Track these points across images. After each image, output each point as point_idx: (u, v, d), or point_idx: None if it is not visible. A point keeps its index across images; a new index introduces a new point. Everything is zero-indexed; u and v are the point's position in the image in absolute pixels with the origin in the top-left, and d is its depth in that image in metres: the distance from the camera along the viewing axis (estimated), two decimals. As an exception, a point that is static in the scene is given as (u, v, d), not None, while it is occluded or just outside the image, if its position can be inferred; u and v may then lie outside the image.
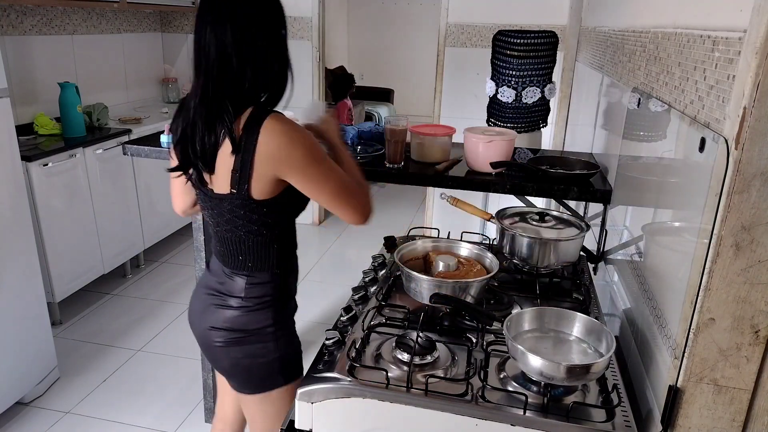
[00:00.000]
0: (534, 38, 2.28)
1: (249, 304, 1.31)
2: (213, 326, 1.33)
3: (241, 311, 1.30)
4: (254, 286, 1.31)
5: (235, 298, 1.31)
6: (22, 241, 2.27)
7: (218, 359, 1.37)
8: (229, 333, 1.31)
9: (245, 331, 1.31)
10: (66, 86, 3.06)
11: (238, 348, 1.32)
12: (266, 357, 1.32)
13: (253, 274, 1.31)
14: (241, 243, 1.28)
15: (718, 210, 0.84)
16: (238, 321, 1.31)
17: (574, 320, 1.17)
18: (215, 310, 1.33)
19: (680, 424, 0.95)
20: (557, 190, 1.71)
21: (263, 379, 1.35)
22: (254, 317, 1.31)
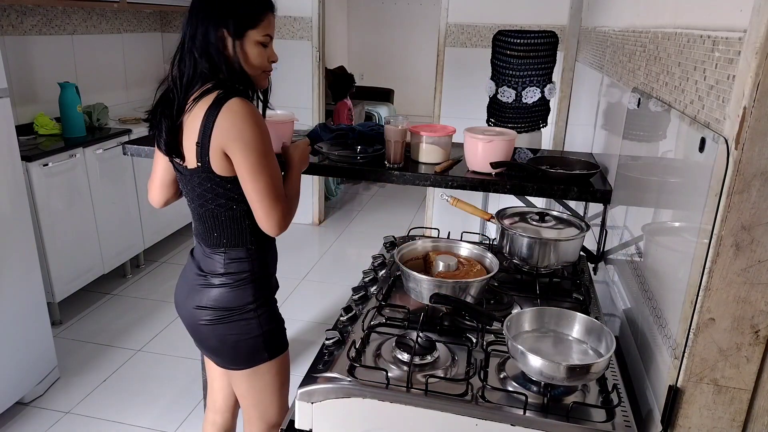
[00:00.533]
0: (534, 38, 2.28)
1: (229, 281, 1.37)
2: (198, 305, 1.39)
3: (223, 289, 1.37)
4: (232, 262, 1.37)
5: (216, 276, 1.38)
6: (22, 241, 2.27)
7: (205, 338, 1.43)
8: (214, 311, 1.37)
9: (228, 309, 1.37)
10: (66, 86, 3.05)
11: (223, 326, 1.38)
12: (250, 333, 1.39)
13: (229, 251, 1.37)
14: (213, 218, 1.35)
15: (718, 210, 0.84)
16: (221, 299, 1.37)
17: (574, 320, 1.17)
18: (200, 289, 1.39)
19: (680, 424, 0.95)
20: (557, 190, 1.71)
21: (250, 354, 1.41)
22: (236, 295, 1.37)
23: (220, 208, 1.34)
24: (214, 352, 1.46)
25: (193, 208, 1.40)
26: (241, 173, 1.28)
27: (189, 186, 1.37)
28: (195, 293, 1.40)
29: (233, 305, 1.37)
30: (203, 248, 1.41)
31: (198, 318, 1.40)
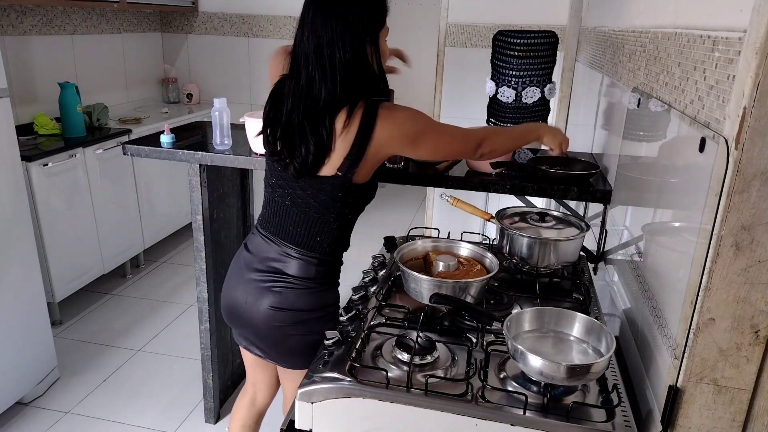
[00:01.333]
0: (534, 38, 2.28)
1: (318, 285, 1.39)
2: (276, 306, 1.37)
3: (311, 292, 1.38)
4: (324, 268, 1.40)
5: (304, 280, 1.38)
6: (22, 241, 2.27)
7: (281, 340, 1.40)
8: (299, 313, 1.37)
9: (314, 309, 1.39)
10: (66, 86, 3.05)
11: (305, 327, 1.38)
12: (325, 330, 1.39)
13: (325, 256, 1.39)
14: (324, 224, 1.36)
15: (718, 210, 0.84)
16: (308, 301, 1.38)
17: (574, 320, 1.17)
18: (281, 290, 1.37)
19: (680, 424, 0.95)
20: (557, 190, 1.71)
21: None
22: (322, 296, 1.40)
23: (339, 216, 1.36)
24: (289, 352, 1.43)
25: (298, 212, 1.36)
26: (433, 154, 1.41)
27: (309, 191, 1.33)
28: (270, 295, 1.37)
29: (319, 305, 1.39)
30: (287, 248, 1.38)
31: (274, 320, 1.38)
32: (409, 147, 1.34)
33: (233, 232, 2.32)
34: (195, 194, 2.04)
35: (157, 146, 2.00)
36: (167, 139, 1.99)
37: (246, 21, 4.21)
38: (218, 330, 2.25)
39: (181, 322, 3.06)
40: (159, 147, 1.99)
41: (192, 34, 4.38)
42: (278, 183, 1.38)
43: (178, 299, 3.28)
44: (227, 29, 4.30)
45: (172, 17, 4.35)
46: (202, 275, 2.13)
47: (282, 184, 1.37)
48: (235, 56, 4.34)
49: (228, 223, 2.26)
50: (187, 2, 4.14)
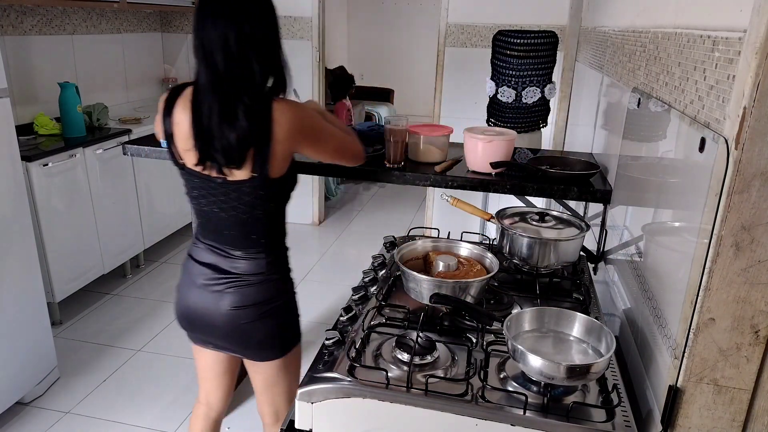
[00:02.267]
0: (534, 38, 2.28)
1: (272, 277, 1.41)
2: (237, 306, 1.38)
3: (265, 284, 1.40)
4: (271, 259, 1.41)
5: (256, 275, 1.39)
6: (22, 241, 2.27)
7: (249, 336, 1.42)
8: (259, 306, 1.39)
9: (272, 300, 1.41)
10: (66, 86, 3.05)
11: (269, 319, 1.41)
12: (288, 317, 1.47)
13: (269, 251, 1.41)
14: (255, 222, 1.36)
15: (718, 210, 0.84)
16: (266, 293, 1.40)
17: (574, 320, 1.17)
18: (235, 290, 1.39)
19: (680, 424, 0.95)
20: (557, 190, 1.71)
21: (289, 339, 1.48)
22: (277, 286, 1.43)
23: (266, 213, 1.37)
24: (258, 346, 1.44)
25: (228, 217, 1.36)
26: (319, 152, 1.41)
27: (231, 195, 1.32)
28: (228, 296, 1.38)
29: (277, 295, 1.42)
30: (231, 251, 1.39)
31: (239, 319, 1.39)
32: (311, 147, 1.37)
33: (233, 232, 2.31)
34: (195, 194, 2.04)
35: (157, 146, 2.00)
36: (167, 139, 1.99)
37: (246, 21, 4.21)
38: (218, 330, 2.25)
39: (181, 322, 3.06)
40: (159, 147, 1.99)
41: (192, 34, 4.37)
42: (201, 194, 1.37)
43: (178, 299, 3.28)
44: (227, 29, 4.29)
45: (172, 17, 4.35)
46: (202, 275, 2.12)
47: (204, 194, 1.36)
48: (235, 56, 4.34)
49: (228, 223, 2.26)
50: (187, 2, 4.14)
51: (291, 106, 1.30)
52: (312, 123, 1.35)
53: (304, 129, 1.32)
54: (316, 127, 1.37)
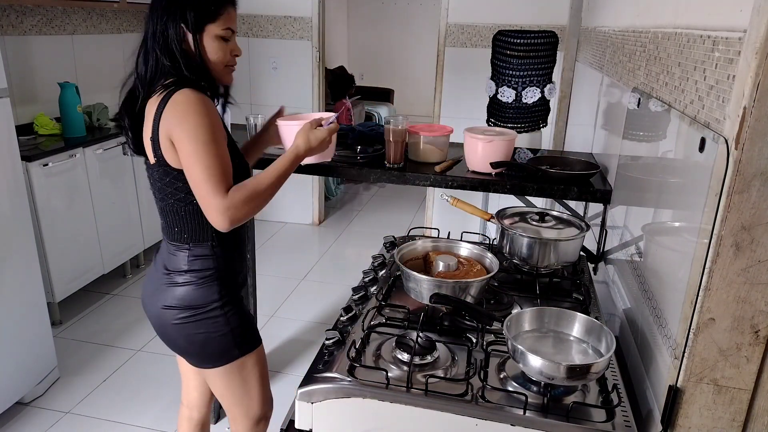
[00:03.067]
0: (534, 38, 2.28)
1: (194, 278, 1.35)
2: (166, 305, 1.37)
3: (188, 287, 1.35)
4: (196, 259, 1.35)
5: (181, 274, 1.35)
6: (22, 241, 2.27)
7: (173, 338, 1.40)
8: (181, 311, 1.35)
9: (194, 307, 1.35)
10: (66, 86, 3.05)
11: (191, 325, 1.35)
12: (218, 331, 1.36)
13: (193, 247, 1.35)
14: (174, 213, 1.34)
15: (718, 210, 0.84)
16: (187, 297, 1.35)
17: (574, 320, 1.17)
18: (166, 288, 1.37)
19: (680, 424, 0.95)
20: (557, 190, 1.71)
21: (220, 353, 1.39)
22: (201, 293, 1.35)
23: (180, 203, 1.32)
24: (184, 351, 1.44)
25: (157, 203, 1.39)
26: (182, 161, 1.25)
27: (151, 182, 1.37)
28: (161, 292, 1.37)
29: (199, 303, 1.35)
30: (168, 245, 1.39)
31: (166, 318, 1.37)
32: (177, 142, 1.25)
33: (233, 232, 2.31)
34: (195, 194, 2.04)
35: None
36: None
37: (246, 21, 4.21)
38: (218, 330, 2.25)
39: (181, 322, 3.05)
40: (159, 147, 1.99)
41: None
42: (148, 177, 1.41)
43: (178, 299, 3.28)
44: (227, 29, 4.30)
45: (172, 17, 4.34)
46: (202, 275, 2.12)
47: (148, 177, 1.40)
48: (235, 56, 4.34)
49: (228, 223, 2.26)
50: (187, 2, 4.14)
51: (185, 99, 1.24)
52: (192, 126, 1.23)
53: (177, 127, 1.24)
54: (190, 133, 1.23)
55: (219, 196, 1.23)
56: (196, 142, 1.22)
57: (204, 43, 1.32)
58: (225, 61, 1.36)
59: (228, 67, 1.38)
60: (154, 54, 1.31)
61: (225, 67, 1.38)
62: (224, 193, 1.24)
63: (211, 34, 1.32)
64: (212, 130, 1.25)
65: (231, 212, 1.24)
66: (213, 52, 1.33)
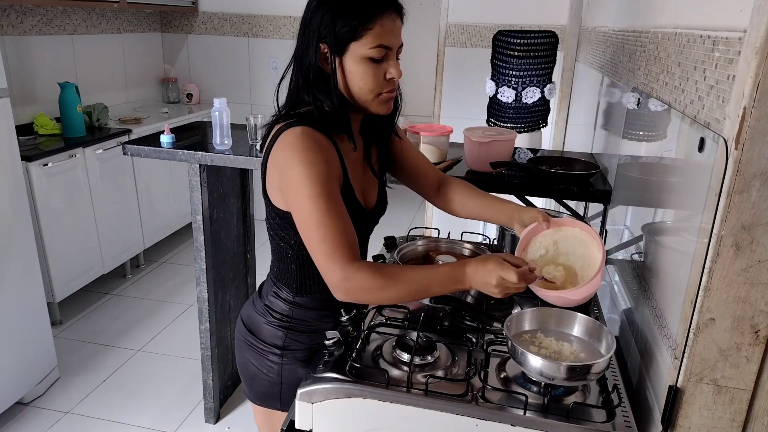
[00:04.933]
0: (534, 38, 2.28)
1: (267, 314, 1.28)
2: (243, 318, 1.33)
3: (261, 317, 1.28)
4: (276, 299, 1.27)
5: (261, 302, 1.30)
6: (22, 241, 2.27)
7: (236, 350, 1.36)
8: (247, 333, 1.30)
9: (258, 338, 1.28)
10: (66, 86, 3.06)
11: (250, 351, 1.30)
12: (269, 375, 1.28)
13: (278, 287, 1.27)
14: (274, 250, 1.26)
15: (718, 210, 0.84)
16: (256, 325, 1.29)
17: (574, 320, 1.17)
18: (251, 304, 1.33)
19: (680, 424, 0.95)
20: (557, 190, 1.71)
21: (264, 394, 1.32)
22: (269, 331, 1.27)
23: (274, 240, 1.23)
24: (239, 369, 1.36)
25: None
26: (293, 215, 1.10)
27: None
28: (248, 305, 1.34)
29: (263, 338, 1.27)
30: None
31: (239, 329, 1.33)
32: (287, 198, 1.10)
33: (233, 232, 2.32)
34: (195, 194, 2.04)
35: (157, 146, 2.00)
36: (167, 139, 2.00)
37: (246, 21, 4.21)
38: (218, 330, 2.25)
39: (181, 322, 3.06)
40: (159, 147, 1.99)
41: (192, 34, 4.38)
42: None
43: (178, 299, 3.28)
44: (227, 29, 4.30)
45: (172, 17, 4.35)
46: (202, 275, 2.13)
47: None
48: (235, 56, 4.34)
49: (228, 223, 2.26)
50: (187, 2, 4.14)
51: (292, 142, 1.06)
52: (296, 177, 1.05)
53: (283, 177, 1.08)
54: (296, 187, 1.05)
55: (335, 264, 1.03)
56: (302, 196, 1.04)
57: (346, 66, 1.08)
58: (374, 88, 1.10)
59: (381, 95, 1.12)
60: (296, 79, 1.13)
61: (376, 97, 1.12)
62: (340, 259, 1.03)
63: (355, 56, 1.07)
64: (319, 180, 1.04)
65: (345, 288, 1.04)
66: (356, 78, 1.09)
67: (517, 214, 1.25)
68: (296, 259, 1.20)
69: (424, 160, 1.45)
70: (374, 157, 1.29)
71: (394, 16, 1.09)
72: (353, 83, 1.09)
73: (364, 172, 1.26)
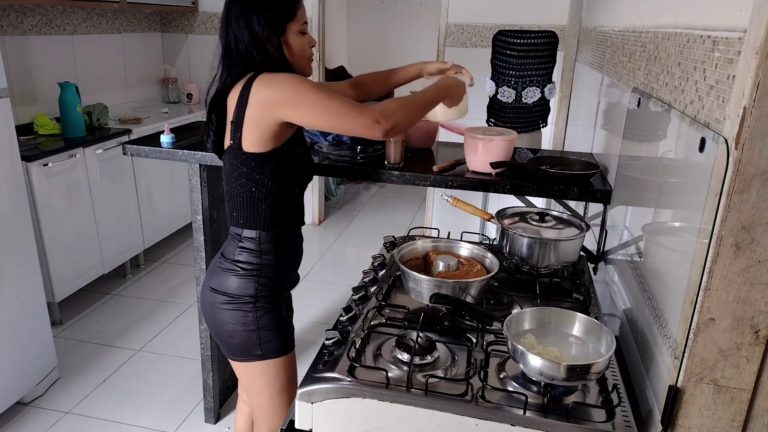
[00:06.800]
0: (534, 38, 2.28)
1: (237, 269, 1.39)
2: (211, 287, 1.42)
3: (231, 274, 1.40)
4: (243, 251, 1.39)
5: (228, 261, 1.41)
6: (22, 241, 2.27)
7: (209, 321, 1.45)
8: (219, 295, 1.40)
9: (230, 295, 1.39)
10: (66, 86, 3.06)
11: (224, 312, 1.39)
12: (246, 326, 1.40)
13: (243, 239, 1.39)
14: (234, 197, 1.39)
15: (718, 210, 0.84)
16: (226, 284, 1.40)
17: (574, 320, 1.17)
18: (215, 270, 1.43)
19: (680, 424, 0.95)
20: (557, 190, 1.71)
21: (243, 347, 1.41)
22: (240, 284, 1.39)
23: (241, 188, 1.37)
24: (216, 336, 1.47)
25: (224, 189, 1.44)
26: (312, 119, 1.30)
27: (223, 169, 1.42)
28: (211, 275, 1.44)
29: (235, 293, 1.39)
30: (229, 233, 1.44)
31: (207, 300, 1.43)
32: (293, 110, 1.30)
33: (233, 232, 2.31)
34: (195, 194, 2.04)
35: (157, 146, 2.00)
36: (167, 139, 2.00)
37: (246, 21, 4.21)
38: (218, 330, 2.25)
39: (181, 322, 3.06)
40: (159, 147, 1.99)
41: (192, 34, 4.38)
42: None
43: (178, 299, 3.28)
44: (227, 29, 4.30)
45: (172, 17, 4.35)
46: (202, 275, 2.13)
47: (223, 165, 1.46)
48: (235, 56, 4.34)
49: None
50: (187, 2, 4.14)
51: (271, 76, 1.30)
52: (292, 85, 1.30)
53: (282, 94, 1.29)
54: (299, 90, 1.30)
55: (367, 112, 1.30)
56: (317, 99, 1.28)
57: (289, 42, 1.37)
58: (307, 54, 1.42)
59: (309, 59, 1.44)
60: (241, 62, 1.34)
61: (308, 60, 1.43)
62: (366, 108, 1.30)
63: (293, 32, 1.37)
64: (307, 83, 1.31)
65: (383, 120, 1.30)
66: (297, 49, 1.39)
67: (425, 66, 1.74)
68: (268, 197, 1.37)
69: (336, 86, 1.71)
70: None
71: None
72: (295, 52, 1.39)
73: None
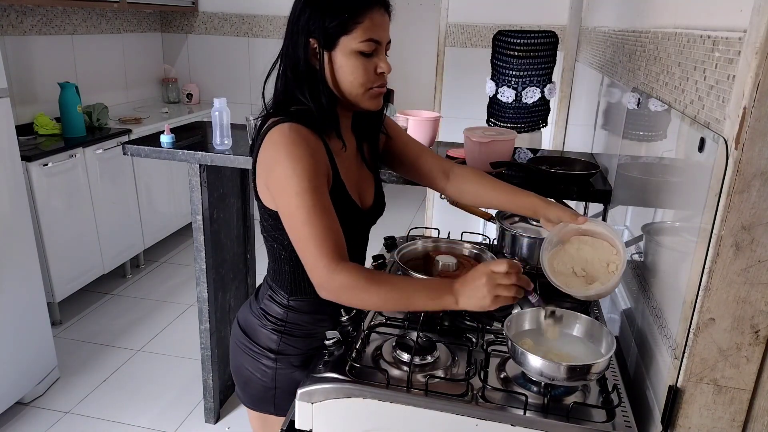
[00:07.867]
0: (534, 38, 2.28)
1: (263, 317, 1.27)
2: (239, 322, 1.32)
3: (258, 321, 1.28)
4: (271, 302, 1.27)
5: (258, 305, 1.29)
6: (22, 241, 2.27)
7: (231, 353, 1.35)
8: (244, 336, 1.29)
9: (253, 341, 1.27)
10: (66, 86, 3.06)
11: (243, 354, 1.29)
12: (263, 380, 1.27)
13: (274, 289, 1.26)
14: (268, 251, 1.25)
15: (718, 210, 0.84)
16: (252, 327, 1.28)
17: (574, 320, 1.17)
18: (248, 308, 1.32)
19: (680, 424, 0.95)
20: (557, 190, 1.71)
21: (257, 398, 1.30)
22: (264, 334, 1.26)
23: (269, 238, 1.21)
24: (232, 372, 1.35)
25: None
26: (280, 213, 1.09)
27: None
28: (244, 308, 1.33)
29: (258, 342, 1.26)
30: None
31: (235, 333, 1.32)
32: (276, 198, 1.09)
33: (233, 232, 2.32)
34: (195, 194, 2.04)
35: (157, 146, 2.00)
36: (167, 139, 2.00)
37: (246, 21, 4.21)
38: (218, 330, 2.25)
39: (181, 322, 3.06)
40: (159, 147, 1.99)
41: (192, 34, 4.38)
42: None
43: (178, 299, 3.28)
44: (227, 29, 4.30)
45: (172, 17, 4.35)
46: (202, 275, 2.13)
47: None
48: (235, 56, 4.35)
49: (228, 223, 2.26)
50: (187, 2, 4.14)
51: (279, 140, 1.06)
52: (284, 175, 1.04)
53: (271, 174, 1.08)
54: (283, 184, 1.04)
55: (320, 261, 1.02)
56: (287, 194, 1.03)
57: (335, 61, 1.08)
58: (365, 82, 1.10)
59: (371, 90, 1.12)
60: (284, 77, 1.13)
61: (366, 91, 1.12)
62: (326, 257, 1.01)
63: (345, 50, 1.07)
64: (306, 176, 1.03)
65: (328, 286, 1.03)
66: (345, 73, 1.08)
67: (543, 210, 1.25)
68: (289, 261, 1.19)
69: (425, 151, 1.42)
70: (366, 153, 1.29)
71: (383, 11, 1.10)
72: (343, 78, 1.10)
73: (358, 170, 1.26)
